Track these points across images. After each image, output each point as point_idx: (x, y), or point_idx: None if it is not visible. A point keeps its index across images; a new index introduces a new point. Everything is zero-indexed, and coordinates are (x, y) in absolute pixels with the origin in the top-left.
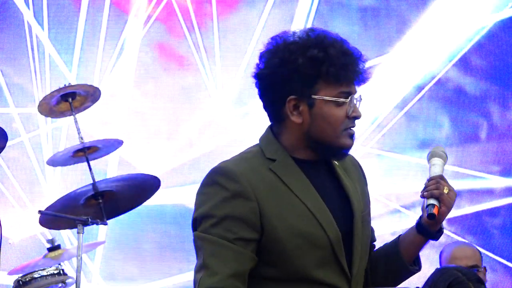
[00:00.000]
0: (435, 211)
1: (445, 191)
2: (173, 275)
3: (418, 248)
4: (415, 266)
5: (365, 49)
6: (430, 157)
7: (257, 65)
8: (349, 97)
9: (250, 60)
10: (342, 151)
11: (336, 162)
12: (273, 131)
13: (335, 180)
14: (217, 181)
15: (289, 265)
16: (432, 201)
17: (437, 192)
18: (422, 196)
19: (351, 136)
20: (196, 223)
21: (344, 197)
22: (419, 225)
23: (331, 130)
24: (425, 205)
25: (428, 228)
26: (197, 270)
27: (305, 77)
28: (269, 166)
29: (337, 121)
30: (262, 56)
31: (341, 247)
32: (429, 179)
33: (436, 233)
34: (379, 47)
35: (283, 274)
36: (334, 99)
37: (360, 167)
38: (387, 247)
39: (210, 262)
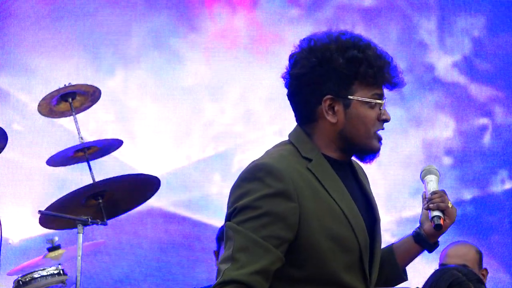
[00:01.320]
0: (442, 221)
1: (450, 205)
2: (173, 274)
3: (413, 257)
4: (404, 275)
5: None
6: (424, 175)
7: (290, 65)
8: (383, 99)
9: (251, 60)
10: (372, 154)
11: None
12: (304, 130)
13: (358, 184)
14: (261, 178)
15: (319, 267)
16: (437, 213)
17: (443, 205)
18: (427, 208)
19: (380, 140)
20: (232, 214)
21: (367, 202)
22: (418, 235)
23: (365, 131)
24: (430, 217)
25: (427, 239)
26: (223, 261)
27: (343, 77)
28: (306, 165)
29: (371, 123)
30: (294, 56)
31: (367, 253)
32: (433, 193)
33: (433, 245)
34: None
35: (310, 276)
36: (370, 100)
37: (365, 173)
38: (382, 254)
39: (238, 256)
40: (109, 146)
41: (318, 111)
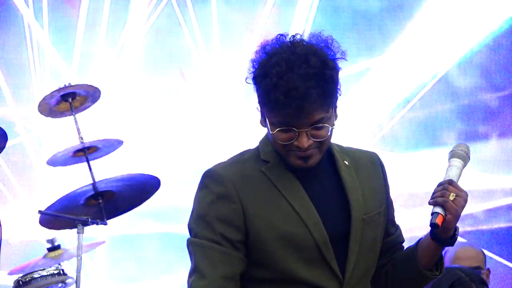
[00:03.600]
0: (438, 220)
1: (451, 198)
2: (173, 274)
3: (435, 253)
4: (436, 271)
5: (368, 49)
6: (450, 156)
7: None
8: (286, 129)
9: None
10: (297, 169)
11: (345, 162)
12: None
13: (336, 181)
14: (206, 184)
15: (276, 266)
16: (436, 209)
17: (441, 200)
18: (430, 203)
19: (303, 159)
20: (189, 227)
21: (344, 198)
22: (432, 231)
23: (277, 148)
24: (431, 213)
25: (439, 235)
26: (189, 275)
27: (259, 93)
28: (261, 168)
29: (280, 144)
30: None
31: (329, 249)
32: (439, 184)
33: (449, 239)
34: (382, 47)
35: (272, 275)
36: (269, 126)
37: (381, 165)
38: (407, 250)
39: (200, 265)
40: (109, 146)
41: None
